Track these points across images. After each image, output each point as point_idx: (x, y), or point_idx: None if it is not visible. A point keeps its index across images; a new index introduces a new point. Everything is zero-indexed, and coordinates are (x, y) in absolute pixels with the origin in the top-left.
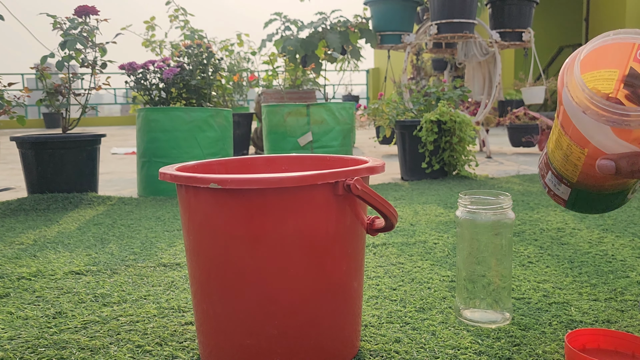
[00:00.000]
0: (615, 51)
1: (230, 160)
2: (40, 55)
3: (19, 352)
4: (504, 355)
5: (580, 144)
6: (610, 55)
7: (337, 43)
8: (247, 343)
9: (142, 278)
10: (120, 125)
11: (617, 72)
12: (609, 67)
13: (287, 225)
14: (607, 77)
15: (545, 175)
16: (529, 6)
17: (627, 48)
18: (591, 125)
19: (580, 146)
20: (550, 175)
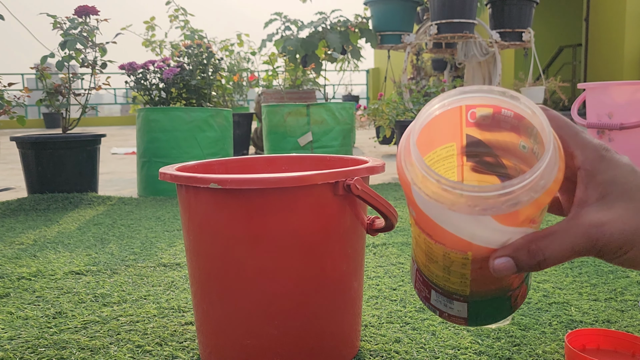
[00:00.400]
0: (445, 121)
1: (230, 160)
2: (41, 55)
3: (19, 352)
4: (504, 355)
5: (459, 248)
6: (441, 127)
7: (337, 43)
8: (248, 343)
9: (142, 278)
10: (120, 125)
11: (454, 145)
12: (443, 143)
13: (287, 225)
14: (445, 155)
15: (429, 297)
16: (529, 6)
17: (456, 114)
18: (466, 222)
19: (461, 251)
20: (436, 295)
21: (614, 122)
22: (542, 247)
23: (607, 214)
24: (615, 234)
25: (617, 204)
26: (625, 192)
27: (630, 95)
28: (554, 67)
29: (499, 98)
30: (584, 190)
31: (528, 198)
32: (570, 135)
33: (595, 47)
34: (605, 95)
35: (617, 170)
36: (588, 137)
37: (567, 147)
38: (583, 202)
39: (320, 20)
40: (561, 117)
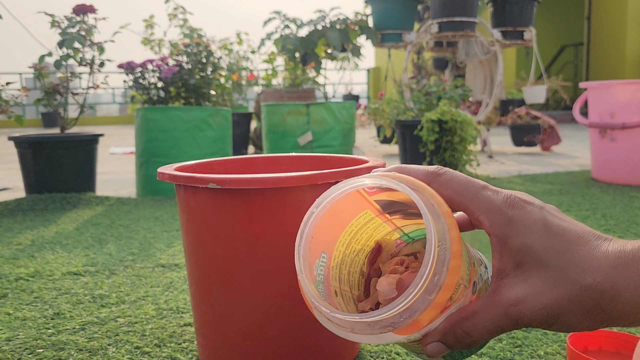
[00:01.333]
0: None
1: (229, 159)
2: (38, 54)
3: (17, 353)
4: (505, 356)
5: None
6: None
7: (337, 41)
8: (247, 344)
9: (141, 279)
10: (118, 124)
11: (368, 211)
12: (355, 215)
13: (287, 225)
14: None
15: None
16: (531, 5)
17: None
18: (376, 339)
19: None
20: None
21: (616, 122)
22: (467, 331)
23: (524, 289)
24: (536, 310)
25: (533, 274)
26: (538, 259)
27: (632, 95)
28: (555, 66)
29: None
30: (499, 258)
31: (424, 305)
32: (469, 199)
33: (597, 46)
34: (607, 95)
35: (528, 235)
36: (489, 196)
37: (472, 213)
38: (500, 272)
39: (320, 18)
40: (456, 179)
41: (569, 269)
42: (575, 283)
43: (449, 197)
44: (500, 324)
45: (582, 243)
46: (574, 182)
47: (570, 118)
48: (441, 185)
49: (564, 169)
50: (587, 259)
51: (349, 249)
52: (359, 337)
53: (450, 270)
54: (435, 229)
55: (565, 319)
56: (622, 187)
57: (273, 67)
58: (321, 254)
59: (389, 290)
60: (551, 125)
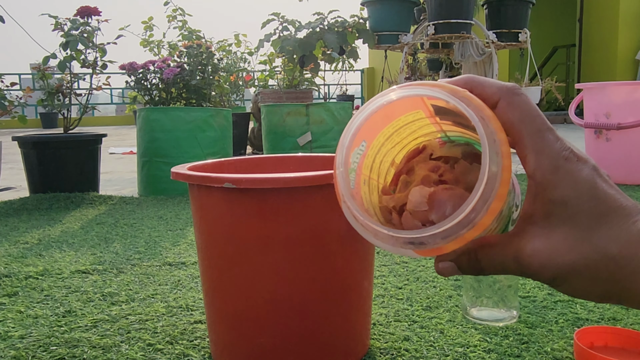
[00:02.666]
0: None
1: (239, 160)
2: (37, 55)
3: (31, 350)
4: (513, 352)
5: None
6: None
7: (335, 43)
8: (260, 341)
9: (149, 277)
10: (116, 125)
11: (420, 111)
12: (407, 112)
13: (300, 224)
14: (412, 119)
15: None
16: (526, 7)
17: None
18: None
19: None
20: None
21: (612, 122)
22: (480, 258)
23: (544, 241)
24: (547, 266)
25: (559, 229)
26: (571, 217)
27: (628, 95)
28: (548, 68)
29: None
30: (531, 202)
31: (452, 236)
32: (529, 132)
33: (589, 48)
34: (603, 95)
35: (570, 188)
36: (549, 139)
37: (523, 148)
38: (528, 217)
39: (318, 21)
40: (528, 105)
41: (597, 234)
42: (598, 250)
43: (511, 122)
44: (508, 266)
45: (622, 214)
46: None
47: (563, 118)
48: (510, 105)
49: None
50: (620, 229)
51: (389, 140)
52: (380, 243)
53: (489, 212)
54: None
55: (574, 282)
56: (617, 186)
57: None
58: (362, 142)
59: (420, 202)
60: None
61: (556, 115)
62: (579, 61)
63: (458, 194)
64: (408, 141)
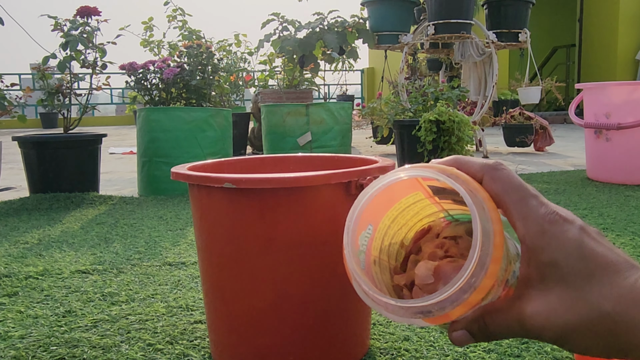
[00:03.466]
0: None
1: (239, 160)
2: (36, 55)
3: (31, 350)
4: (513, 352)
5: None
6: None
7: (335, 43)
8: (261, 342)
9: (149, 277)
10: (116, 125)
11: (419, 192)
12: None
13: (300, 224)
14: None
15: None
16: (526, 7)
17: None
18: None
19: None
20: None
21: (612, 122)
22: (488, 324)
23: (543, 303)
24: (547, 327)
25: (554, 291)
26: (563, 278)
27: (628, 95)
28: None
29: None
30: (526, 267)
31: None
32: (513, 201)
33: (589, 48)
34: (603, 95)
35: (559, 251)
36: (534, 205)
37: (510, 216)
38: (526, 281)
39: (318, 21)
40: (509, 178)
41: (589, 293)
42: (593, 308)
43: (496, 194)
44: (513, 329)
45: (612, 271)
46: (569, 182)
47: (563, 118)
48: (493, 179)
49: (559, 169)
50: (612, 287)
51: (394, 222)
52: (390, 315)
53: (487, 275)
54: (482, 232)
55: (577, 341)
56: (617, 186)
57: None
58: (368, 225)
59: (426, 276)
60: (544, 126)
61: (556, 115)
62: (579, 61)
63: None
64: (413, 222)
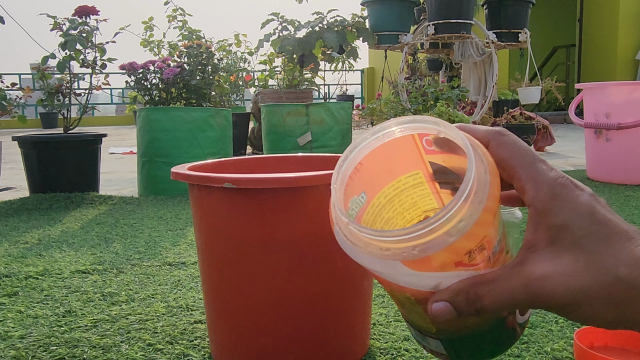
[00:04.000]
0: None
1: (239, 159)
2: (36, 55)
3: (31, 350)
4: (513, 352)
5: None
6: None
7: (335, 43)
8: (261, 342)
9: (149, 277)
10: (116, 125)
11: (420, 173)
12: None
13: (300, 224)
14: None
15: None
16: (526, 7)
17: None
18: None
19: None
20: (413, 331)
21: (612, 122)
22: (481, 295)
23: (553, 266)
24: (559, 291)
25: (566, 254)
26: (576, 241)
27: (628, 95)
28: (548, 68)
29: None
30: (533, 232)
31: (439, 243)
32: (523, 165)
33: (589, 48)
34: (603, 95)
35: (571, 213)
36: (543, 169)
37: (518, 179)
38: (532, 246)
39: (317, 20)
40: (517, 143)
41: (605, 257)
42: (609, 272)
43: (503, 159)
44: (517, 296)
45: (626, 237)
46: None
47: (563, 118)
48: (500, 144)
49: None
50: (627, 252)
51: (390, 203)
52: (368, 259)
53: (478, 222)
54: (477, 172)
55: (587, 308)
56: (617, 186)
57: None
58: (362, 192)
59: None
60: (545, 125)
61: (556, 115)
62: (579, 61)
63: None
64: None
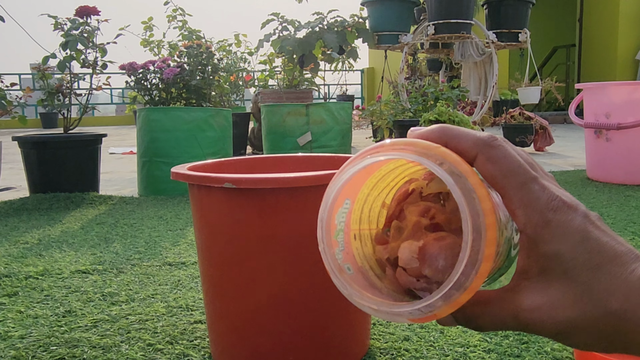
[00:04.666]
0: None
1: (239, 160)
2: (36, 55)
3: (31, 350)
4: (513, 352)
5: None
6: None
7: (335, 43)
8: (261, 341)
9: (149, 277)
10: (116, 125)
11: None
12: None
13: (300, 224)
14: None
15: None
16: (526, 7)
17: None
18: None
19: None
20: None
21: (612, 122)
22: (476, 315)
23: (542, 297)
24: (547, 323)
25: (556, 285)
26: (567, 271)
27: (628, 95)
28: (548, 68)
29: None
30: (525, 258)
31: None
32: (513, 187)
33: (589, 48)
34: (603, 95)
35: (563, 242)
36: (535, 191)
37: (509, 202)
38: (524, 273)
39: (318, 21)
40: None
41: (595, 289)
42: (599, 305)
43: (492, 176)
44: (507, 323)
45: (618, 263)
46: (569, 182)
47: (562, 118)
48: (489, 159)
49: (559, 169)
50: (618, 282)
51: (374, 189)
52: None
53: (479, 275)
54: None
55: (579, 337)
56: (617, 186)
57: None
58: (344, 201)
59: (410, 259)
60: (544, 126)
61: (556, 115)
62: (579, 61)
63: (449, 245)
64: (395, 182)
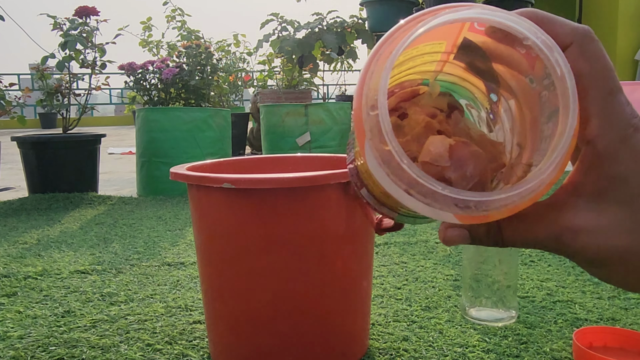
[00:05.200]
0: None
1: (238, 160)
2: (35, 55)
3: (30, 350)
4: (512, 352)
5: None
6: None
7: (334, 43)
8: (259, 342)
9: (148, 277)
10: (115, 125)
11: (444, 43)
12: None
13: (299, 224)
14: (428, 50)
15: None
16: (525, 7)
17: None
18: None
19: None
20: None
21: None
22: (503, 228)
23: (593, 219)
24: (591, 247)
25: (613, 209)
26: (629, 198)
27: (628, 95)
28: None
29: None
30: (582, 173)
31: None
32: (598, 91)
33: None
34: None
35: (635, 165)
36: (620, 103)
37: (586, 107)
38: (574, 189)
39: (317, 21)
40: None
41: None
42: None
43: (580, 72)
44: (543, 240)
45: None
46: None
47: None
48: (584, 53)
49: None
50: None
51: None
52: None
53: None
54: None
55: (618, 268)
56: None
57: (270, 68)
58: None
59: (441, 156)
60: None
61: None
62: None
63: (475, 153)
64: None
